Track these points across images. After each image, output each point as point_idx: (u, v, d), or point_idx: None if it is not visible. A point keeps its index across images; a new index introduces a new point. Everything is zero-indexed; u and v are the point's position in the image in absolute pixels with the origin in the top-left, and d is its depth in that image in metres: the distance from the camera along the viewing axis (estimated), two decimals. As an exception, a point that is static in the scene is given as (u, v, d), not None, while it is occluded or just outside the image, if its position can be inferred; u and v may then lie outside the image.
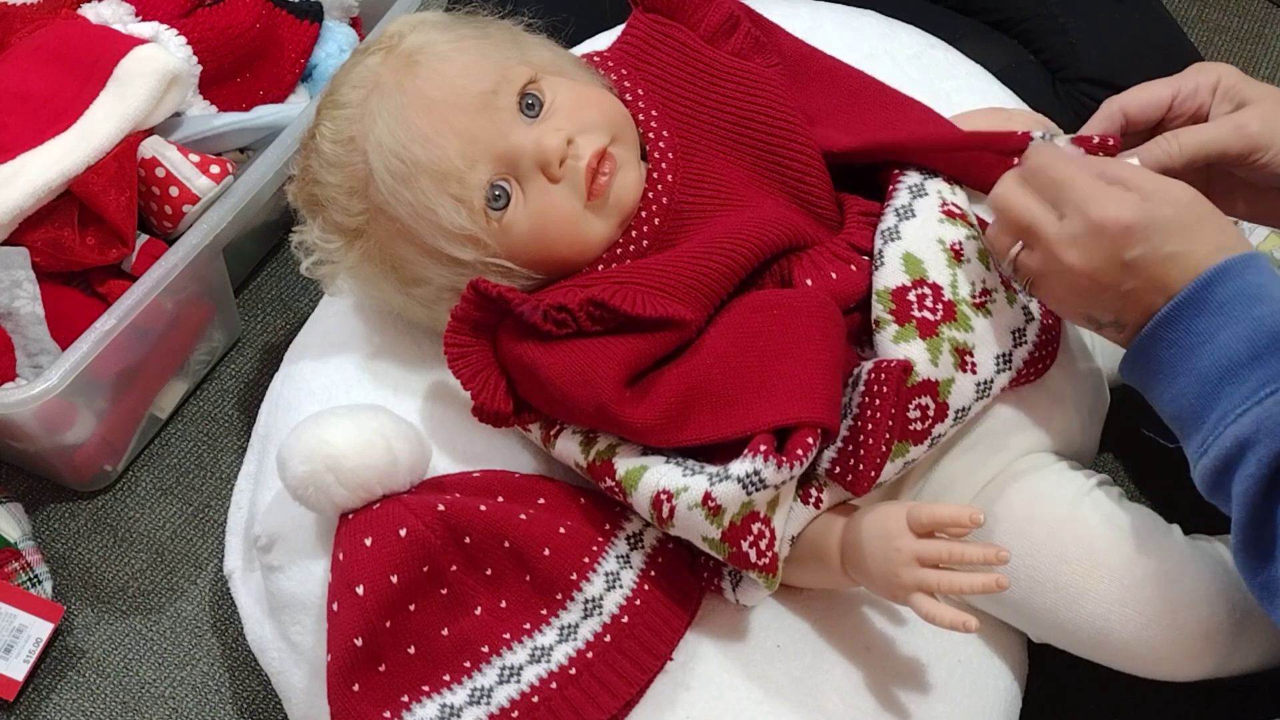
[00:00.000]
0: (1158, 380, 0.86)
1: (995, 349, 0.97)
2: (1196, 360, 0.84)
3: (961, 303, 0.96)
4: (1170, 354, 0.85)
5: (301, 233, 1.05)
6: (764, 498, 0.90)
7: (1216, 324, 0.83)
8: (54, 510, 1.33)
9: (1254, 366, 0.81)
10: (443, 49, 0.98)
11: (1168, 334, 0.85)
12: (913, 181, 1.00)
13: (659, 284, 0.95)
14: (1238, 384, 0.82)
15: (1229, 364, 0.82)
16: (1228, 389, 0.82)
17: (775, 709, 0.97)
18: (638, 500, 0.93)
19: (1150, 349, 0.86)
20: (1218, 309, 0.83)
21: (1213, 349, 0.83)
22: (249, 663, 1.21)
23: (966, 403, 0.96)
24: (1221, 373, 0.82)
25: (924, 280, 0.96)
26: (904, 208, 0.99)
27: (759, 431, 0.90)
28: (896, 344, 0.94)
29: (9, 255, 1.19)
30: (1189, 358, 0.84)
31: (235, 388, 1.40)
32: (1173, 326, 0.84)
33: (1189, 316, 0.84)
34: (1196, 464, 0.85)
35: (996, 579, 0.87)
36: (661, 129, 1.01)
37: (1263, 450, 0.80)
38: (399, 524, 0.94)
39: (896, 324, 0.95)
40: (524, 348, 0.94)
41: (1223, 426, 0.82)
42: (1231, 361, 0.82)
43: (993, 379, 0.97)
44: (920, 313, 0.95)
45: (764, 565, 0.91)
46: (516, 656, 0.95)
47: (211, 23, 1.33)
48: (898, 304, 0.95)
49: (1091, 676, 1.00)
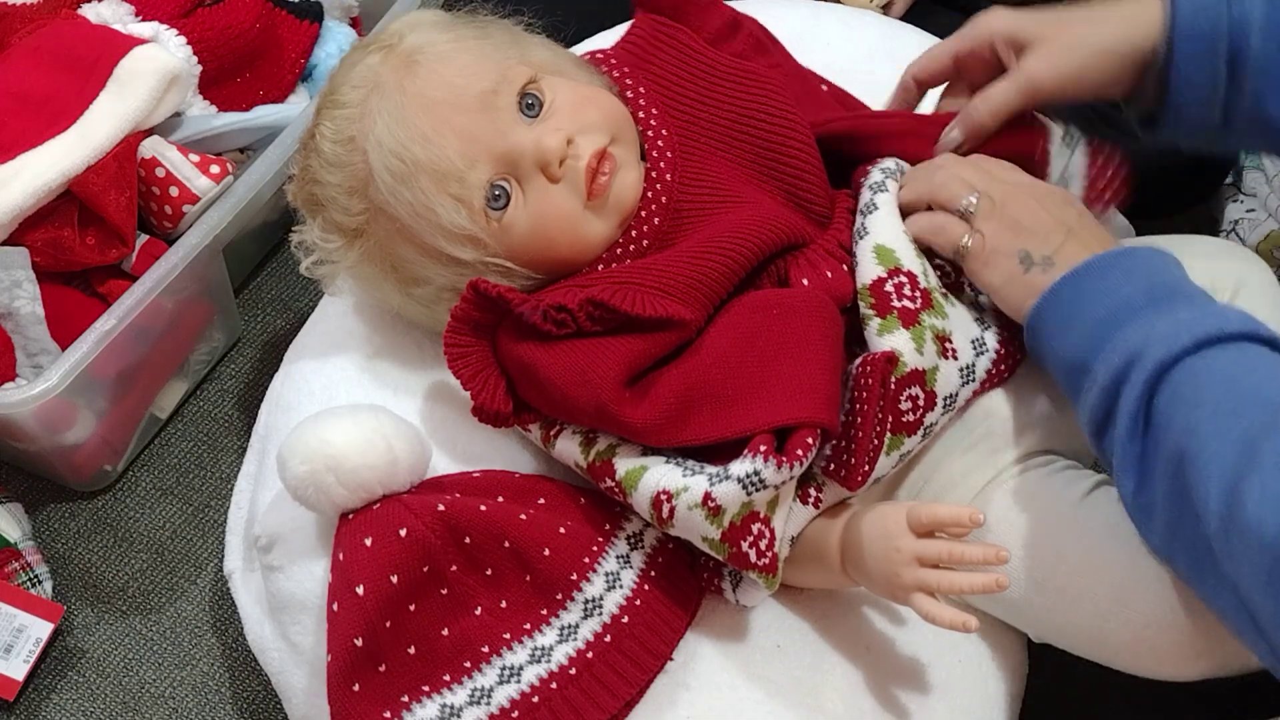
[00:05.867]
0: (1063, 328, 0.90)
1: (968, 333, 0.98)
2: (1094, 310, 0.88)
3: (934, 290, 0.97)
4: (1067, 309, 0.89)
5: (301, 232, 1.05)
6: (764, 498, 0.90)
7: (1117, 283, 0.88)
8: (54, 510, 1.33)
9: (1149, 308, 0.86)
10: (443, 49, 0.98)
11: (1068, 290, 0.90)
12: (874, 180, 1.01)
13: (658, 284, 0.95)
14: (1133, 323, 0.86)
15: (1126, 309, 0.86)
16: (1123, 329, 0.86)
17: (775, 709, 0.97)
18: (638, 501, 0.93)
19: (1066, 293, 0.90)
20: (1121, 272, 0.89)
21: (1110, 300, 0.88)
22: (249, 663, 1.21)
23: (953, 389, 0.97)
24: (1118, 317, 0.86)
25: (899, 269, 0.97)
26: (867, 205, 1.00)
27: (759, 432, 0.90)
28: (881, 336, 0.95)
29: (9, 255, 1.19)
30: (1087, 309, 0.88)
31: (235, 388, 1.40)
32: (1075, 285, 0.89)
33: (1092, 278, 0.89)
34: (1085, 404, 0.87)
35: (996, 579, 0.87)
36: (661, 128, 1.02)
37: (1146, 362, 0.82)
38: (399, 524, 0.93)
39: (879, 317, 0.95)
40: (524, 348, 0.94)
41: (1111, 355, 0.85)
42: (1129, 307, 0.87)
43: (973, 363, 0.98)
44: (900, 302, 0.95)
45: (764, 566, 0.91)
46: (516, 656, 0.95)
47: (211, 23, 1.33)
48: (877, 297, 0.96)
49: (1091, 676, 1.00)
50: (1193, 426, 0.79)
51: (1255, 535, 0.73)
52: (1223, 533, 0.76)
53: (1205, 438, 0.78)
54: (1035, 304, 0.91)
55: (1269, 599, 0.74)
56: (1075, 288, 0.90)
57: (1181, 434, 0.80)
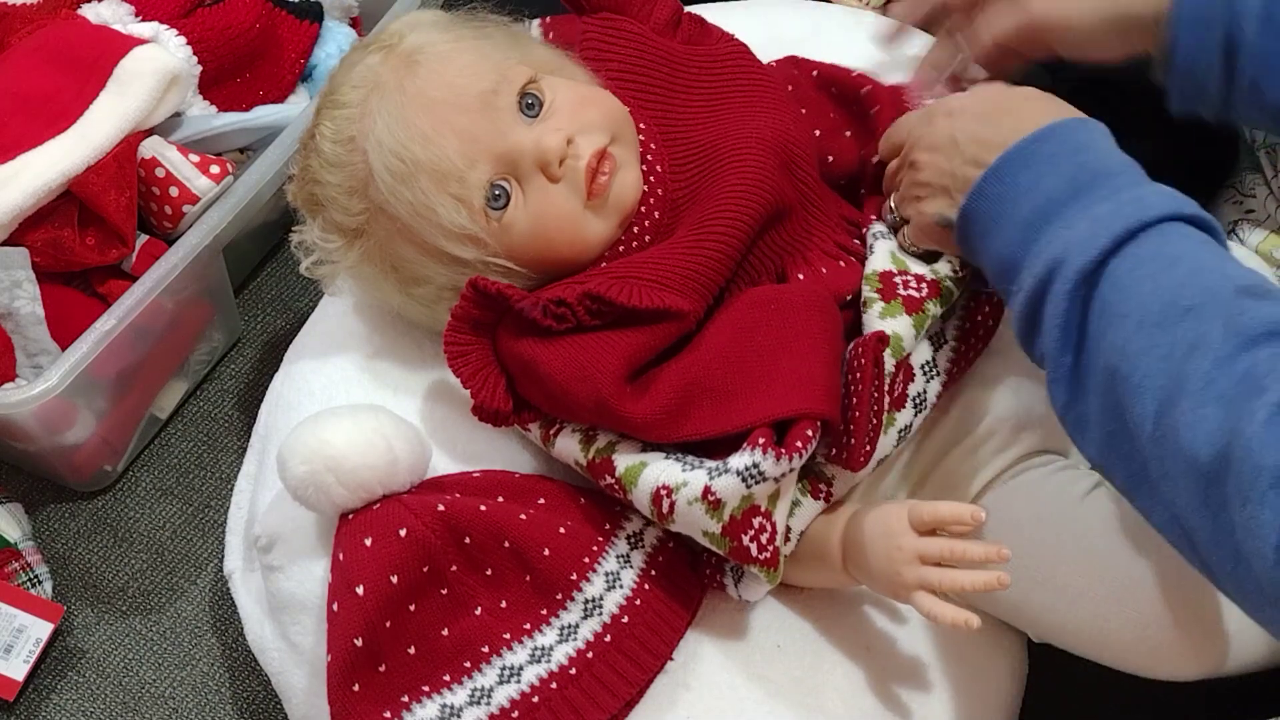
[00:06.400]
0: (985, 236, 0.87)
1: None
2: (1021, 208, 0.85)
3: (942, 279, 0.98)
4: (996, 207, 0.86)
5: (301, 232, 1.05)
6: (764, 491, 0.90)
7: (1041, 173, 0.85)
8: (54, 510, 1.33)
9: (1073, 203, 0.83)
10: (442, 49, 0.99)
11: (993, 187, 0.86)
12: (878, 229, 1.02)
13: (655, 276, 0.95)
14: (1058, 221, 0.83)
15: (1050, 205, 0.84)
16: (1048, 228, 0.83)
17: (775, 709, 0.97)
18: (637, 497, 0.93)
19: (978, 205, 0.87)
20: (1045, 160, 0.85)
21: (1036, 195, 0.84)
22: (249, 663, 1.21)
23: (926, 355, 0.98)
24: (1043, 215, 0.84)
25: (908, 271, 0.97)
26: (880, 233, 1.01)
27: (758, 425, 0.90)
28: (883, 319, 0.95)
29: (9, 255, 1.19)
30: (1015, 207, 0.85)
31: (235, 388, 1.40)
32: (999, 179, 0.86)
33: (1015, 170, 0.86)
34: (1013, 308, 0.85)
35: (998, 576, 0.87)
36: (638, 121, 1.02)
37: (1068, 270, 0.80)
38: (399, 524, 0.94)
39: (883, 301, 0.96)
40: (524, 344, 0.94)
41: (1035, 261, 0.83)
42: (1052, 203, 0.84)
43: (941, 329, 0.99)
44: (906, 291, 0.96)
45: (765, 559, 0.91)
46: (516, 656, 0.95)
47: (211, 23, 1.33)
48: (884, 284, 0.96)
49: (1091, 676, 1.00)
50: (1121, 344, 0.78)
51: (1188, 459, 0.73)
52: (1157, 454, 0.75)
53: (1134, 357, 0.77)
54: (962, 204, 0.89)
55: (1204, 519, 0.73)
56: (999, 183, 0.87)
57: (1111, 352, 0.78)
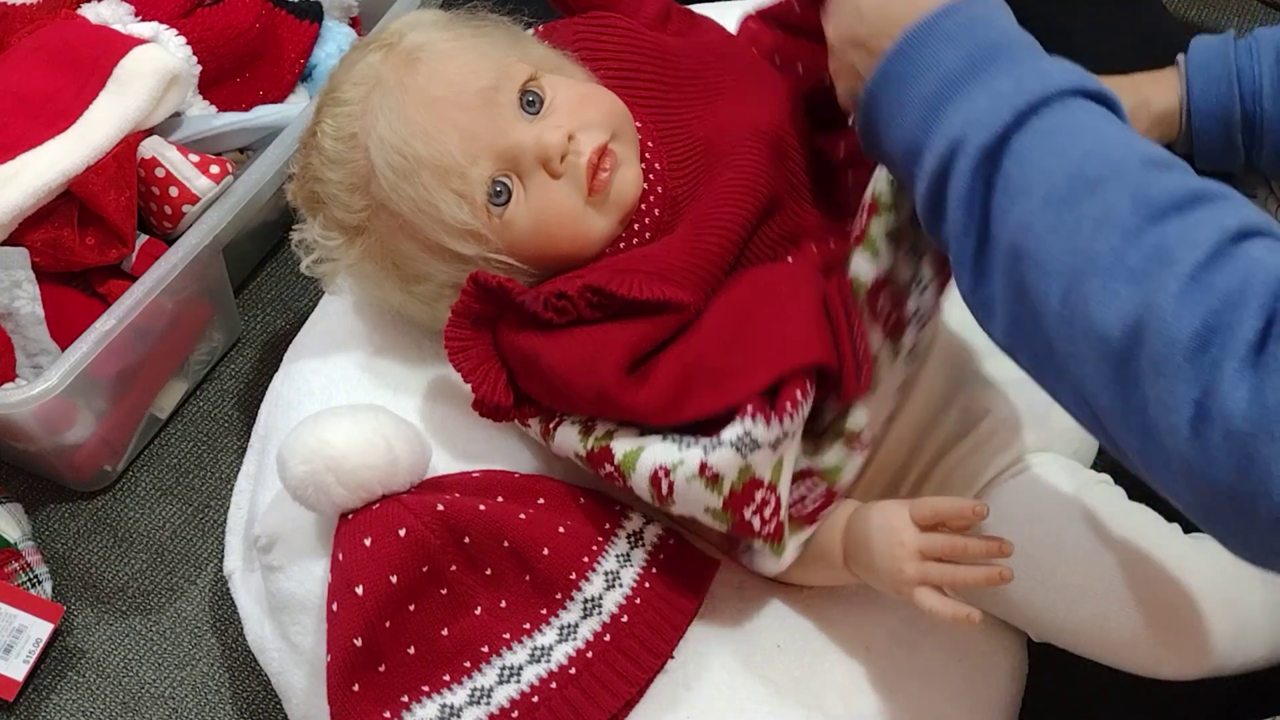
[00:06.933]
0: (886, 124, 0.84)
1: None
2: (920, 88, 0.82)
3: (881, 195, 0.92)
4: (895, 91, 0.83)
5: (302, 231, 1.05)
6: (762, 460, 0.89)
7: (939, 51, 0.81)
8: (54, 510, 1.33)
9: (972, 80, 0.80)
10: (443, 47, 0.99)
11: (893, 68, 0.83)
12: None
13: (655, 269, 0.95)
14: (958, 99, 0.80)
15: (950, 83, 0.80)
16: (947, 107, 0.80)
17: (775, 709, 0.97)
18: (637, 483, 0.92)
19: (878, 93, 0.84)
20: (942, 37, 0.82)
21: (934, 74, 0.81)
22: (249, 663, 1.21)
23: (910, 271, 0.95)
24: (942, 94, 0.81)
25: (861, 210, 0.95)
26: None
27: (752, 396, 0.90)
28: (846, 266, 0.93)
29: (9, 255, 1.19)
30: (913, 88, 0.82)
31: (235, 388, 1.40)
32: (898, 61, 0.83)
33: (913, 52, 0.82)
34: (916, 192, 0.83)
35: (1000, 571, 0.87)
36: (635, 119, 1.02)
37: (969, 148, 0.78)
38: (398, 524, 0.94)
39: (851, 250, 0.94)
40: (525, 338, 0.94)
41: (937, 141, 0.80)
42: (952, 80, 0.80)
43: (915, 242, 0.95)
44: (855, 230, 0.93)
45: (768, 533, 0.91)
46: (516, 656, 0.95)
47: (211, 23, 1.33)
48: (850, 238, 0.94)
49: (1091, 676, 1.00)
50: (1026, 222, 0.75)
51: (1098, 336, 0.71)
52: (1066, 334, 0.74)
53: (1040, 235, 0.75)
54: (864, 91, 0.85)
55: (1114, 397, 0.72)
56: (899, 64, 0.83)
57: (1015, 230, 0.76)
